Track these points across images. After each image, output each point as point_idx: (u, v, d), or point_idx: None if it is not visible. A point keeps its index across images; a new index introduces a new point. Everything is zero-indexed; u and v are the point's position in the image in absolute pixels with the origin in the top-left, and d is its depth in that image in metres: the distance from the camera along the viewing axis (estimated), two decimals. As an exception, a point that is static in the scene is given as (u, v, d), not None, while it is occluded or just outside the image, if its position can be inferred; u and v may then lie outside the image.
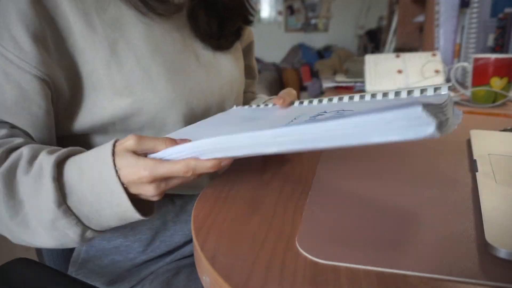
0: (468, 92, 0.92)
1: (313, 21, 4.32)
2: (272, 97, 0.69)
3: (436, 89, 0.45)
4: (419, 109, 0.24)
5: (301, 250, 0.28)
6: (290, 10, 4.33)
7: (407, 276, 0.25)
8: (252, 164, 0.49)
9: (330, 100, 0.52)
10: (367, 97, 0.49)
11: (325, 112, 0.47)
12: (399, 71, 1.14)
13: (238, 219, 0.34)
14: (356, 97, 0.50)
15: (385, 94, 0.48)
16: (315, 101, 0.53)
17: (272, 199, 0.38)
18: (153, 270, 0.57)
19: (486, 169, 0.41)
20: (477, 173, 0.41)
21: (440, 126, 0.24)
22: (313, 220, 0.33)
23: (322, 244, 0.29)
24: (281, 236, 0.31)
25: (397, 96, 0.47)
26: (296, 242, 0.30)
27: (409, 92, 0.46)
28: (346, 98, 0.51)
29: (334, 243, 0.29)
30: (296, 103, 0.55)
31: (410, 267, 0.26)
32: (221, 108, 0.60)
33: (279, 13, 4.35)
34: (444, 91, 0.44)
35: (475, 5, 1.14)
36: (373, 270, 0.26)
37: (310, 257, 0.28)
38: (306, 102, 0.54)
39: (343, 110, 0.46)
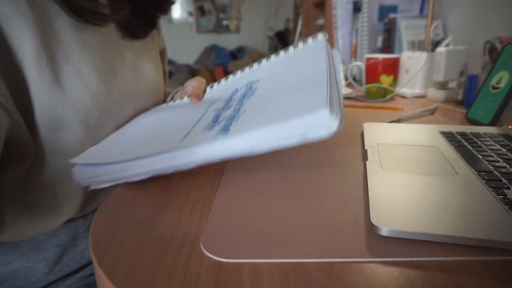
0: (363, 89, 1.01)
1: (224, 23, 4.36)
2: (178, 89, 0.69)
3: (313, 37, 0.53)
4: (325, 113, 0.26)
5: (205, 252, 0.28)
6: (201, 11, 4.31)
7: (305, 264, 0.27)
8: (159, 169, 0.47)
9: (242, 71, 0.58)
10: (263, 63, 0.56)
11: (236, 89, 0.52)
12: (305, 71, 1.21)
13: (141, 227, 0.32)
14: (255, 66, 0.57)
15: (276, 55, 0.56)
16: (223, 81, 0.58)
17: (178, 204, 0.37)
18: None
19: (375, 158, 0.46)
20: (367, 162, 0.45)
21: (340, 119, 0.28)
22: (219, 221, 0.33)
23: (227, 244, 0.29)
24: (186, 240, 0.30)
25: (286, 52, 0.55)
26: (201, 244, 0.29)
27: (295, 47, 0.55)
28: (247, 70, 0.57)
29: (238, 242, 0.30)
30: (208, 88, 0.59)
31: (307, 255, 0.28)
32: (145, 110, 0.59)
33: (190, 14, 4.30)
34: (320, 38, 0.53)
35: (365, 10, 1.26)
36: (274, 263, 0.27)
37: (214, 257, 0.28)
38: (215, 85, 0.59)
39: (251, 83, 0.52)
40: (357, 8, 1.33)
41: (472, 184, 0.38)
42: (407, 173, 0.41)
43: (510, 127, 0.63)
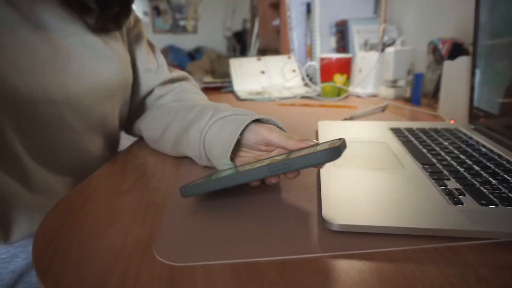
0: (318, 88, 1.04)
1: (181, 23, 4.29)
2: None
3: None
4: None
5: (157, 257, 0.28)
6: (157, 10, 4.21)
7: (258, 263, 0.27)
8: (111, 174, 0.46)
9: None
10: None
11: None
12: (262, 72, 1.22)
13: (90, 236, 0.31)
14: None
15: None
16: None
17: (130, 210, 0.36)
18: None
19: None
20: None
21: None
22: (172, 225, 0.33)
23: (179, 248, 0.29)
24: (138, 246, 0.29)
25: None
26: (153, 249, 0.29)
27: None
28: None
29: (191, 245, 0.29)
30: None
31: (261, 254, 0.28)
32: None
33: (145, 14, 4.20)
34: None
35: (316, 11, 1.29)
36: (227, 264, 0.27)
37: (166, 262, 0.27)
38: None
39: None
40: (310, 9, 1.36)
41: (416, 176, 0.40)
42: (358, 169, 0.42)
43: (452, 122, 0.67)
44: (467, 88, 0.69)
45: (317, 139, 0.58)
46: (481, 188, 0.36)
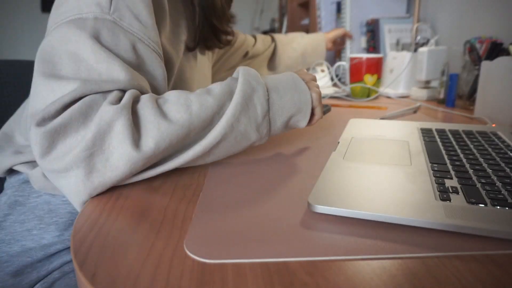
0: (347, 88, 1.02)
1: (210, 23, 4.35)
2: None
3: None
4: None
5: (188, 253, 0.28)
6: (186, 11, 4.28)
7: (288, 263, 0.27)
8: (143, 170, 0.47)
9: None
10: None
11: None
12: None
13: (124, 229, 0.32)
14: None
15: None
16: None
17: (162, 205, 0.37)
18: (67, 261, 0.54)
19: (342, 149, 0.48)
20: (333, 153, 0.46)
21: None
22: (203, 221, 0.33)
23: (210, 244, 0.29)
24: (169, 241, 0.30)
25: None
26: (184, 245, 0.29)
27: None
28: None
29: (221, 242, 0.30)
30: None
31: (290, 254, 0.28)
32: None
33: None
34: None
35: (346, 10, 1.27)
36: (257, 262, 0.27)
37: (197, 258, 0.27)
38: None
39: None
40: (340, 8, 1.34)
41: (419, 173, 0.39)
42: (364, 163, 0.43)
43: (493, 125, 0.64)
44: (508, 90, 0.66)
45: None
46: (481, 189, 0.35)
